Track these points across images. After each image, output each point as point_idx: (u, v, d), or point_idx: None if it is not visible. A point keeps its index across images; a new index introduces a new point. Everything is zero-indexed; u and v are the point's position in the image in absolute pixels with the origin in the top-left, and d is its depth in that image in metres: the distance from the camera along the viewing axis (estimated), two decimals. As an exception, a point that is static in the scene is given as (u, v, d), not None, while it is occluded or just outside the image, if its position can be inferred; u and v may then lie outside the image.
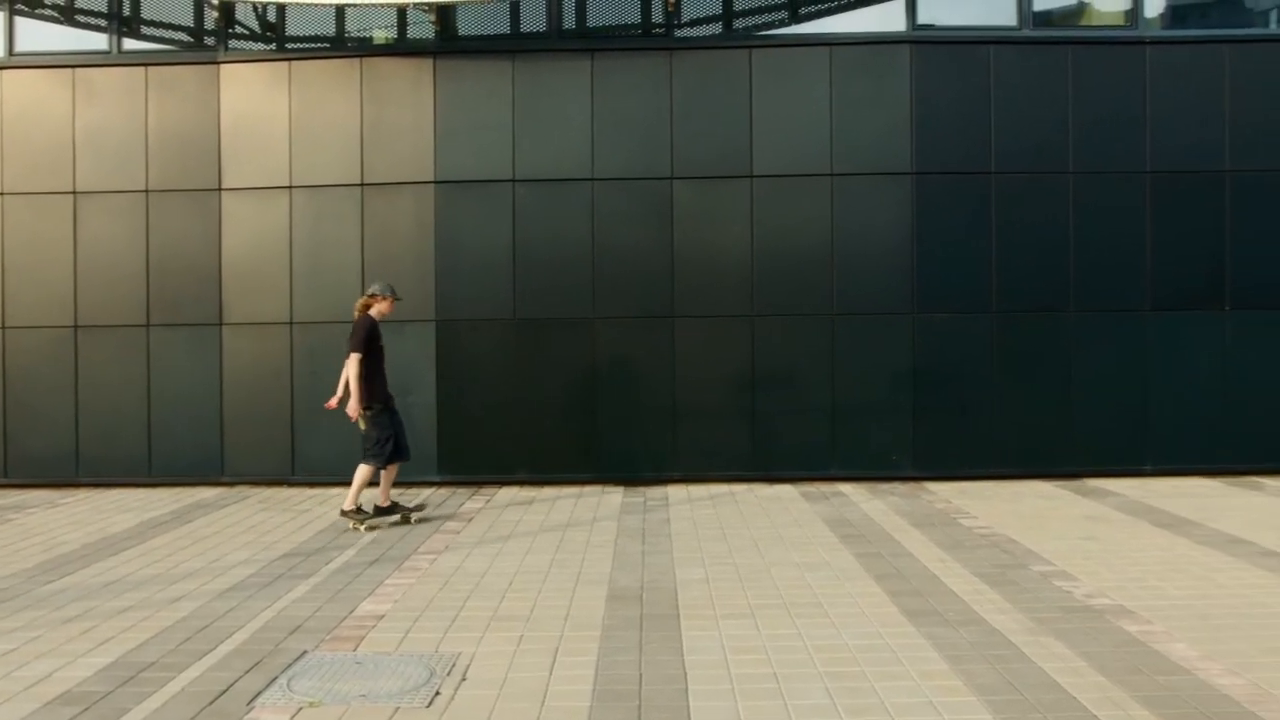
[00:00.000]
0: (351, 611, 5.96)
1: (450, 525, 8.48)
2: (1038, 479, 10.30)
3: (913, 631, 5.40)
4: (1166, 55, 10.49)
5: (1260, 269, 10.43)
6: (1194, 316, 10.47)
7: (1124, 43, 10.49)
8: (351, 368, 8.25)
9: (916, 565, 6.87)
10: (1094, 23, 10.88)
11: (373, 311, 8.46)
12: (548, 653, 5.15)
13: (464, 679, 4.79)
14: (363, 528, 8.29)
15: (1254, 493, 9.58)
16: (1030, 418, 10.40)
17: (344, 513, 8.35)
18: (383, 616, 5.84)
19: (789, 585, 6.39)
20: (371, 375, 8.33)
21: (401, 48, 10.67)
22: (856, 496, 9.52)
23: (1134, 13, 10.59)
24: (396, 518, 8.52)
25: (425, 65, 10.48)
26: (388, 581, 6.65)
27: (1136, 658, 4.98)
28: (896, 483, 10.19)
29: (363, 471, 8.40)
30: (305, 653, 5.21)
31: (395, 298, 8.55)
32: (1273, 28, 11.04)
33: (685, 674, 4.79)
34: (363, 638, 5.46)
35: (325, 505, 9.42)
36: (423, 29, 10.69)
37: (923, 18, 10.49)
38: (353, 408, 8.28)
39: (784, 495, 9.65)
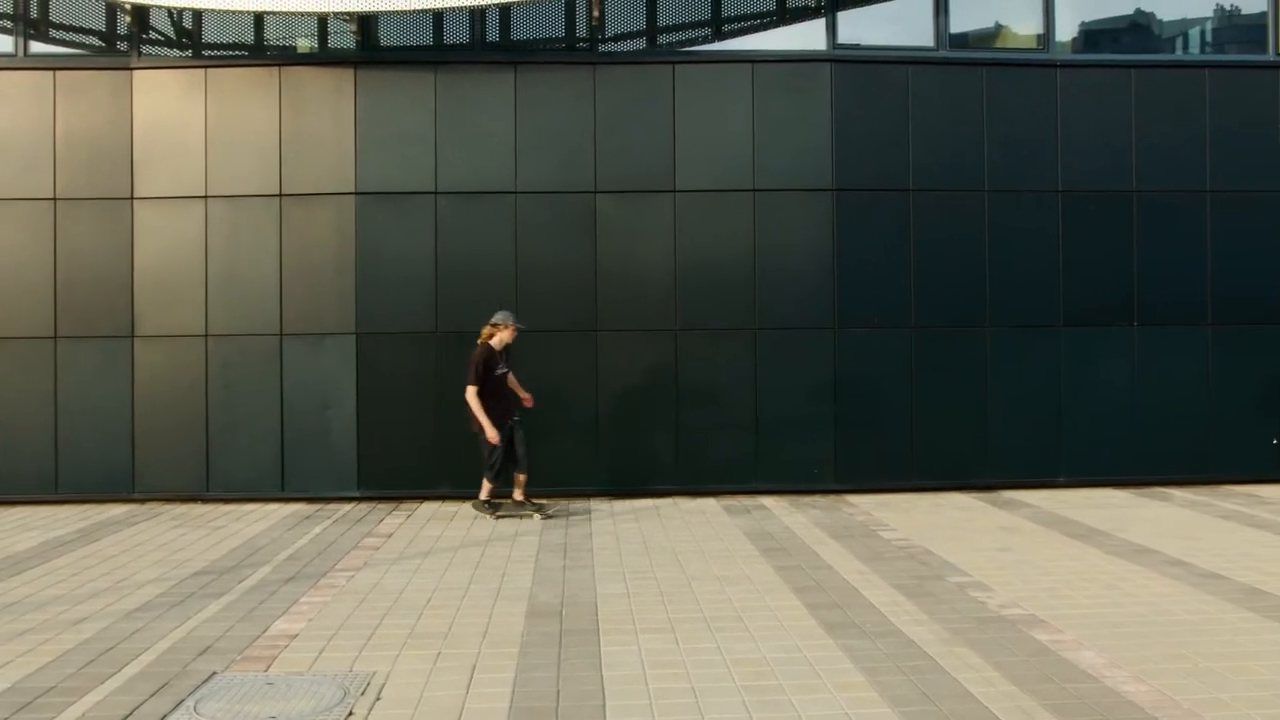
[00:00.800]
0: (264, 631, 5.82)
1: (369, 541, 8.35)
2: (956, 491, 10.47)
3: (830, 644, 5.44)
4: (1077, 78, 10.78)
5: (1166, 286, 10.75)
6: (1104, 332, 10.76)
7: (1036, 65, 10.77)
8: (470, 400, 8.98)
9: (836, 578, 6.93)
10: (1008, 45, 11.15)
11: (494, 341, 9.12)
12: (464, 670, 5.08)
13: (378, 698, 4.70)
14: (490, 516, 9.24)
15: (1162, 503, 9.85)
16: (948, 431, 10.58)
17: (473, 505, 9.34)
18: (296, 636, 5.72)
19: (709, 599, 6.40)
20: (487, 401, 8.99)
21: (322, 57, 10.53)
22: (778, 510, 9.59)
23: (1046, 37, 10.88)
24: (527, 512, 9.35)
25: (346, 75, 10.35)
26: (303, 599, 6.52)
27: (1047, 666, 5.07)
28: (819, 496, 10.29)
29: (484, 487, 9.31)
30: (214, 674, 5.07)
31: (517, 326, 9.17)
32: (1178, 54, 11.41)
33: (603, 690, 4.77)
34: (275, 658, 5.34)
35: (241, 522, 9.21)
36: (344, 38, 10.55)
37: (843, 37, 10.65)
38: (490, 434, 9.00)
39: (707, 508, 9.68)
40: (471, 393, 8.98)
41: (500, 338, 9.12)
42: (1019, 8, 11.08)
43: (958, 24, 10.88)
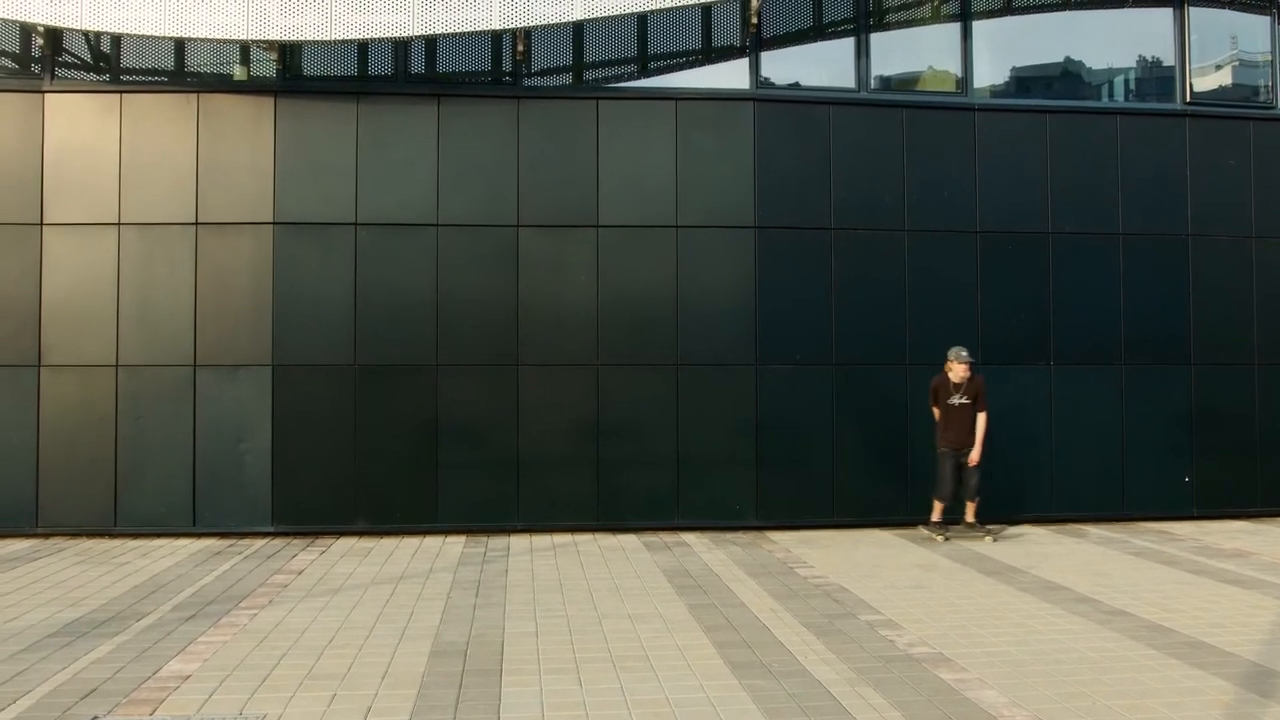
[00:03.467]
0: (155, 672, 5.62)
1: (278, 579, 8.14)
2: (876, 528, 10.53)
3: (735, 684, 5.39)
4: (994, 122, 11.02)
5: (1080, 326, 10.97)
6: (1020, 370, 10.93)
7: (955, 108, 10.98)
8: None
9: (748, 616, 6.89)
10: (928, 88, 11.35)
11: (951, 373, 9.90)
12: (358, 713, 4.94)
13: (265, 744, 4.55)
14: (938, 538, 9.92)
15: (1076, 540, 9.99)
16: (870, 467, 10.65)
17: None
18: (188, 677, 5.53)
19: (618, 638, 6.32)
20: (941, 425, 10.00)
21: (242, 85, 10.38)
22: (699, 546, 9.55)
23: (965, 81, 11.11)
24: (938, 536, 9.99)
25: (266, 103, 10.22)
26: (201, 639, 6.32)
27: (948, 706, 5.07)
28: (740, 532, 10.26)
29: (935, 508, 10.05)
30: (96, 718, 4.87)
31: (959, 362, 9.84)
32: (1091, 101, 11.69)
33: (499, 733, 4.66)
34: (163, 700, 5.15)
35: (147, 558, 8.94)
36: (265, 67, 10.43)
37: (766, 76, 10.78)
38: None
39: (627, 545, 9.60)
40: (935, 411, 10.09)
41: (948, 370, 9.90)
42: (939, 53, 11.31)
43: (879, 67, 11.07)
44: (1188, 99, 11.43)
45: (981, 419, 9.87)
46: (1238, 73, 11.95)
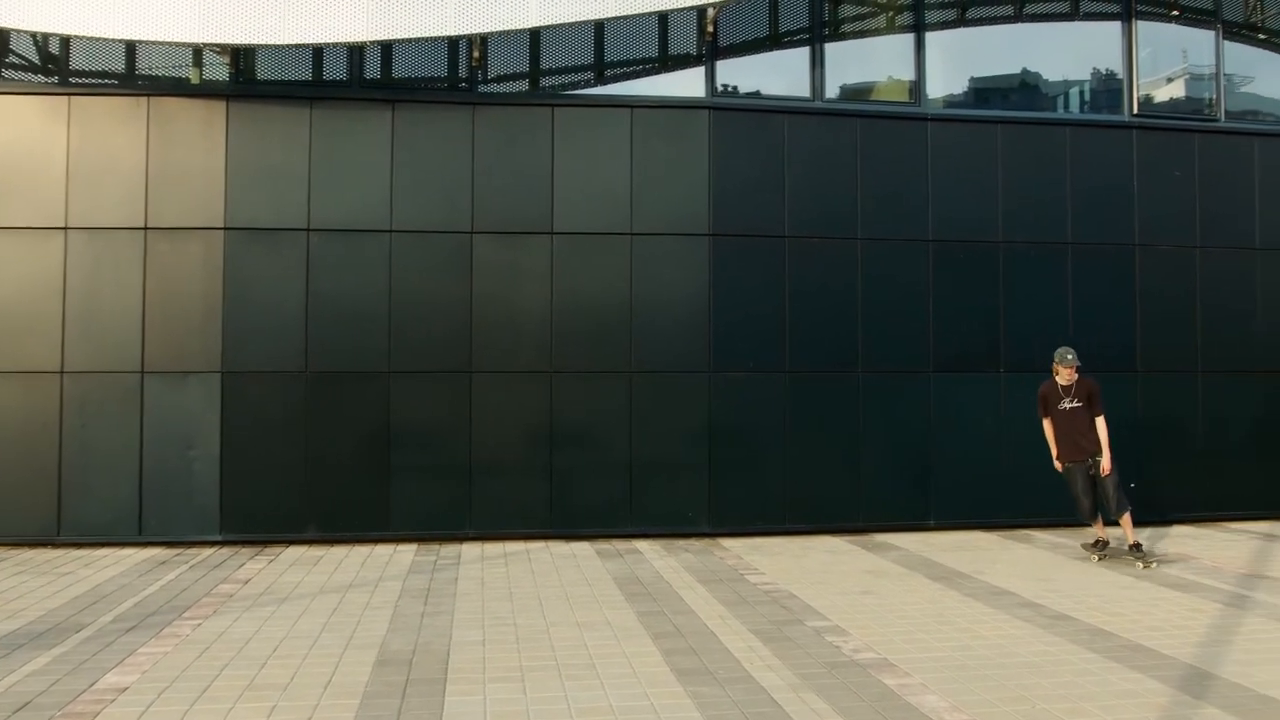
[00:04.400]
0: (92, 684, 5.53)
1: (224, 588, 8.05)
2: (828, 534, 10.58)
3: (680, 691, 5.40)
4: (947, 132, 11.14)
5: (1030, 334, 11.09)
6: (972, 378, 11.04)
7: (908, 118, 11.09)
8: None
9: (696, 623, 6.90)
10: (883, 98, 11.46)
11: (1058, 376, 9.28)
12: (299, 724, 4.90)
13: (201, 756, 4.50)
14: (1094, 557, 9.32)
15: (1024, 545, 10.10)
16: (821, 474, 10.71)
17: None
18: (126, 689, 5.45)
19: (565, 646, 6.31)
20: (1056, 436, 9.39)
21: (193, 88, 10.29)
22: (651, 554, 9.55)
23: (918, 91, 11.22)
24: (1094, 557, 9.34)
25: (218, 107, 10.12)
26: (141, 650, 6.23)
27: (890, 711, 5.10)
28: (693, 539, 10.29)
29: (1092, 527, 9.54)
30: (29, 732, 4.80)
31: (1063, 365, 9.21)
32: (1041, 112, 11.85)
33: (440, 742, 4.64)
34: (98, 713, 5.07)
35: (91, 568, 8.80)
36: (218, 70, 10.34)
37: (722, 85, 10.83)
38: (1056, 462, 9.48)
39: (580, 553, 9.59)
40: (1045, 424, 9.49)
41: (1060, 374, 9.26)
42: (893, 63, 11.43)
43: (835, 76, 11.16)
44: (1135, 110, 11.62)
45: (1101, 423, 9.15)
46: (1189, 85, 12.17)
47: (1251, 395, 11.67)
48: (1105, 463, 9.09)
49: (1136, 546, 9.03)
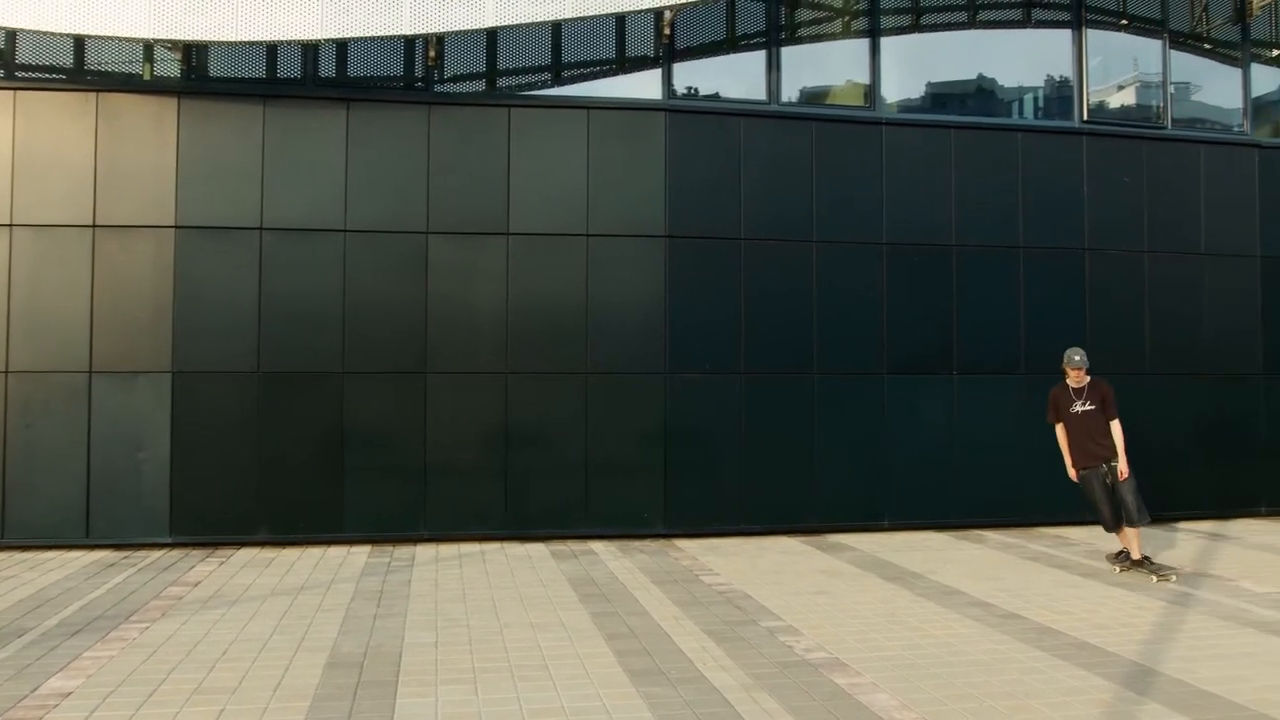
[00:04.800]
0: (35, 689, 5.44)
1: (173, 591, 7.94)
2: (784, 535, 10.64)
3: (632, 692, 5.41)
4: (901, 136, 11.24)
5: (982, 336, 11.24)
6: (926, 380, 11.16)
7: (863, 122, 11.18)
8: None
9: (650, 624, 6.92)
10: (838, 102, 11.54)
11: (1069, 379, 8.85)
12: (247, 728, 4.85)
13: (146, 760, 4.44)
14: (1117, 568, 8.80)
15: (976, 545, 10.21)
16: (777, 475, 10.76)
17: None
18: (69, 694, 5.36)
19: (519, 647, 6.30)
20: (1068, 441, 8.89)
21: (143, 84, 10.13)
22: (606, 555, 9.55)
23: (873, 95, 11.32)
24: (1116, 568, 8.84)
25: (169, 104, 9.99)
26: (87, 654, 6.13)
27: (840, 710, 5.14)
28: (648, 540, 10.31)
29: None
30: (-32, 738, 4.71)
31: (1072, 368, 8.78)
32: (993, 117, 11.99)
33: (390, 745, 4.61)
34: (41, 719, 4.98)
35: (35, 571, 8.65)
36: (169, 66, 10.21)
37: (679, 87, 10.87)
38: (1069, 470, 8.96)
39: (535, 554, 9.57)
40: (1057, 429, 9.00)
41: (1071, 377, 8.79)
42: (849, 68, 11.52)
43: (791, 80, 11.23)
44: (1085, 117, 11.80)
45: (1116, 427, 8.68)
46: (1139, 94, 12.38)
47: (1198, 397, 11.89)
48: (1122, 466, 8.59)
49: (1147, 562, 8.59)
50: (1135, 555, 8.63)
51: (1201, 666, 5.91)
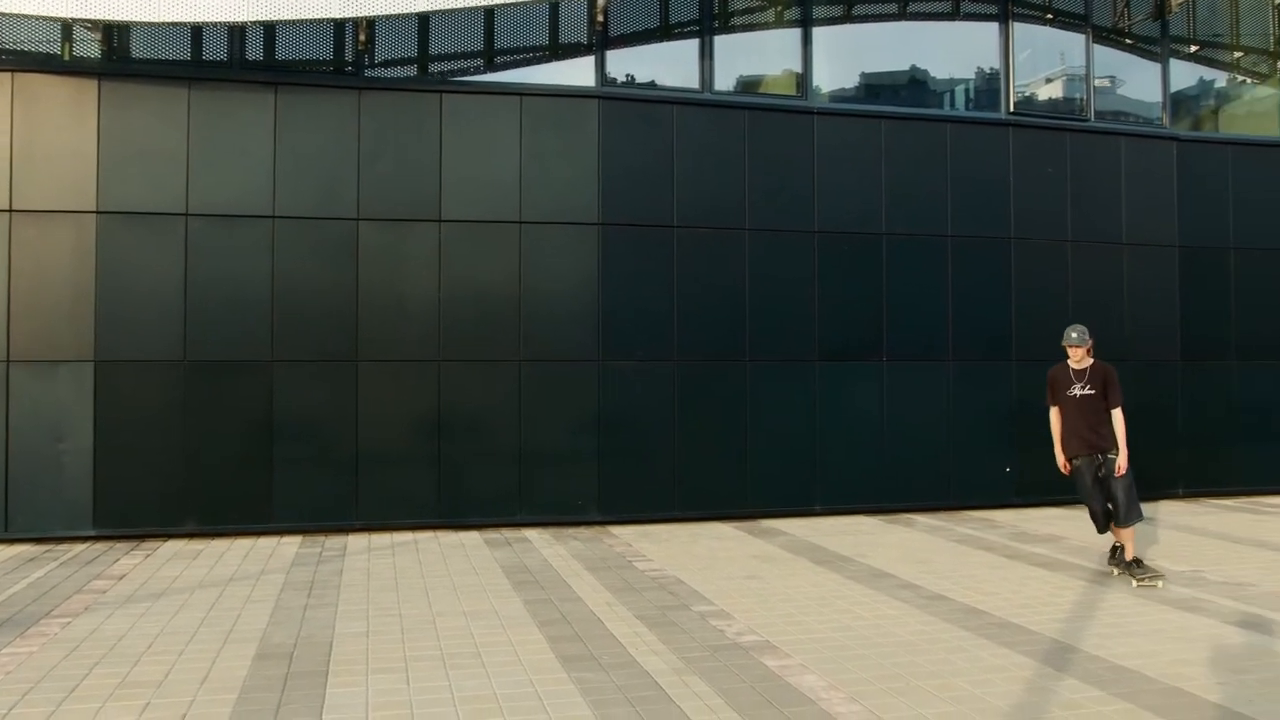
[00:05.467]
0: (-50, 687, 5.31)
1: (97, 584, 7.78)
2: (718, 520, 10.73)
3: (564, 677, 5.43)
4: (832, 125, 11.36)
5: (912, 323, 11.42)
6: (856, 366, 11.31)
7: (795, 111, 11.27)
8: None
9: (583, 610, 6.94)
10: (771, 91, 11.62)
11: (1071, 359, 8.14)
12: (172, 721, 4.78)
13: (67, 756, 4.36)
14: (1114, 570, 8.04)
15: (906, 529, 10.39)
16: (710, 462, 10.84)
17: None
18: (-13, 690, 5.24)
19: (451, 635, 6.28)
20: (1062, 427, 8.17)
21: (62, 65, 9.85)
22: (540, 542, 9.56)
23: (805, 85, 11.42)
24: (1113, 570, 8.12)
25: (89, 86, 9.73)
26: (5, 650, 5.99)
27: (770, 691, 5.22)
28: (583, 527, 10.33)
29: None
30: (-120, 737, 4.57)
31: (1070, 345, 8.11)
32: (923, 108, 12.15)
33: (319, 735, 4.58)
34: (-43, 716, 4.87)
35: (-48, 566, 8.42)
36: (89, 47, 9.94)
37: (612, 75, 10.86)
38: (1058, 459, 8.21)
39: (468, 542, 9.54)
40: (1051, 413, 8.27)
41: (1071, 356, 8.11)
42: (781, 57, 11.60)
43: (724, 69, 11.28)
44: (1011, 109, 12.03)
45: (1118, 415, 7.91)
46: (1065, 86, 12.65)
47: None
48: (1121, 460, 7.81)
49: (1137, 565, 7.83)
50: (1129, 555, 7.89)
51: (1117, 643, 6.09)
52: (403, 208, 10.18)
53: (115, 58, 9.93)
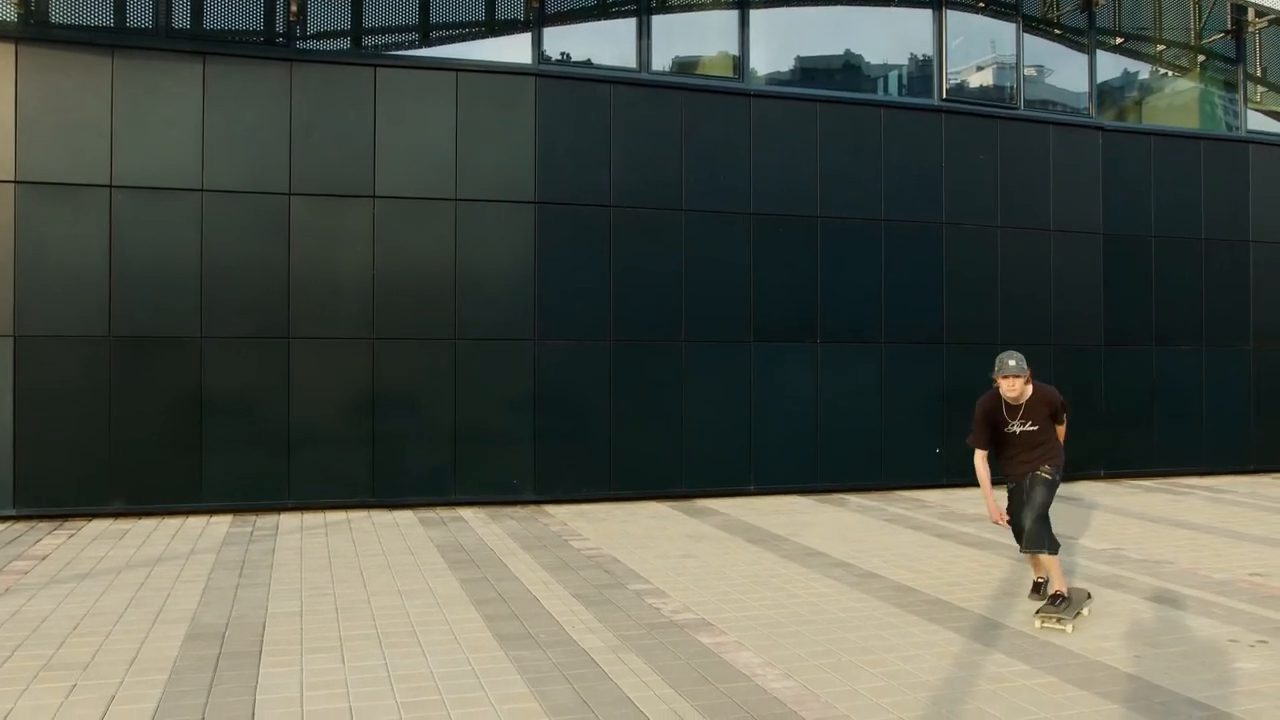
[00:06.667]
0: None
1: (18, 565, 7.58)
2: (653, 500, 10.79)
3: (501, 656, 5.43)
4: (768, 108, 11.42)
5: (845, 306, 11.56)
6: (790, 348, 11.42)
7: (731, 93, 11.31)
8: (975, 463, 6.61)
9: (519, 588, 6.94)
10: (708, 73, 11.64)
11: (1002, 389, 6.39)
12: (100, 703, 4.68)
13: (-9, 739, 4.25)
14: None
15: (838, 509, 10.54)
16: (646, 442, 10.89)
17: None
18: (-96, 673, 5.08)
19: (386, 615, 6.24)
20: (1004, 463, 6.62)
21: (-22, 30, 9.53)
22: (475, 522, 9.52)
23: (742, 67, 11.46)
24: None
25: (5, 51, 9.40)
26: (-78, 632, 5.82)
27: (706, 668, 5.27)
28: (519, 506, 10.31)
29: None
30: None
31: (1006, 376, 6.33)
32: (857, 93, 12.27)
33: (254, 714, 4.53)
34: (-128, 700, 4.72)
35: None
36: (4, 10, 9.59)
37: (549, 53, 10.78)
38: (989, 510, 6.60)
39: (402, 522, 9.47)
40: (977, 457, 6.61)
41: (1006, 387, 6.38)
42: (719, 38, 11.61)
43: (662, 49, 11.26)
44: (944, 95, 12.20)
45: (1061, 431, 6.64)
46: (996, 75, 12.85)
47: (1044, 367, 12.46)
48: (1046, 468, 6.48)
49: (1056, 598, 6.27)
50: (1055, 587, 6.35)
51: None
52: (336, 183, 10.02)
53: (33, 21, 9.60)
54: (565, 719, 4.52)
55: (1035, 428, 6.46)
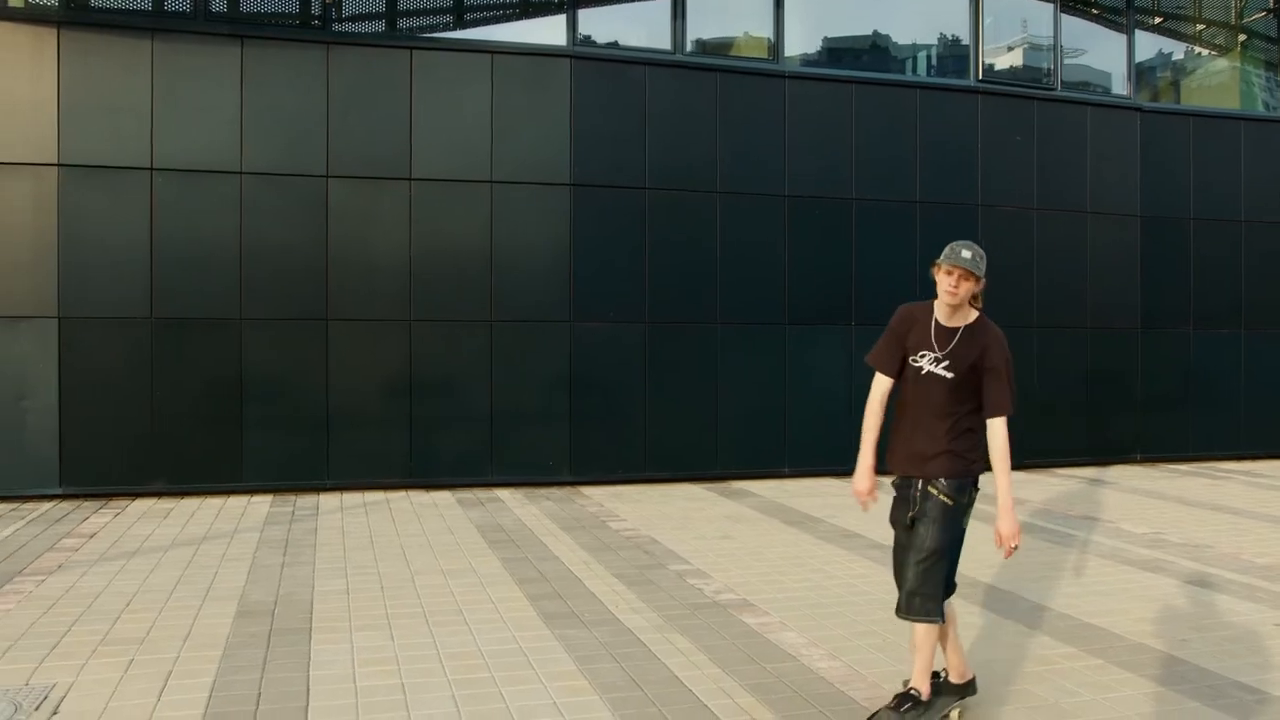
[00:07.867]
0: (-73, 644, 5.25)
1: (68, 542, 7.71)
2: (688, 482, 10.83)
3: (547, 634, 5.48)
4: (803, 89, 11.36)
5: (879, 288, 11.50)
6: (825, 330, 11.40)
7: (766, 75, 11.26)
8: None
9: (560, 568, 7.00)
10: (742, 54, 11.59)
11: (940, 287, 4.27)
12: (159, 677, 4.77)
13: (55, 712, 4.34)
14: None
15: (871, 491, 10.51)
16: (680, 423, 10.91)
17: None
18: (-34, 648, 5.19)
19: (431, 593, 6.31)
20: (897, 422, 4.62)
21: (17, 12, 9.57)
22: (512, 502, 9.59)
23: (777, 48, 11.41)
24: None
25: (48, 34, 9.48)
26: (-21, 608, 5.94)
27: (752, 648, 5.31)
28: (554, 488, 10.37)
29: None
30: None
31: (947, 263, 4.18)
32: (894, 74, 12.19)
33: (308, 690, 4.60)
34: (-63, 673, 4.82)
35: (-86, 524, 8.28)
36: (48, -4, 9.69)
37: (584, 34, 10.77)
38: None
39: (440, 502, 9.55)
40: (873, 392, 4.66)
41: (940, 282, 4.24)
42: (753, 19, 11.57)
43: (696, 30, 11.23)
44: (980, 76, 12.10)
45: (997, 430, 4.31)
46: (1029, 55, 12.74)
47: (1080, 350, 12.43)
48: (1004, 523, 4.44)
49: (905, 700, 4.30)
50: (914, 681, 4.36)
51: (1085, 601, 6.26)
52: (373, 165, 10.06)
53: (74, 5, 9.67)
54: (615, 696, 4.57)
55: (953, 377, 4.24)
